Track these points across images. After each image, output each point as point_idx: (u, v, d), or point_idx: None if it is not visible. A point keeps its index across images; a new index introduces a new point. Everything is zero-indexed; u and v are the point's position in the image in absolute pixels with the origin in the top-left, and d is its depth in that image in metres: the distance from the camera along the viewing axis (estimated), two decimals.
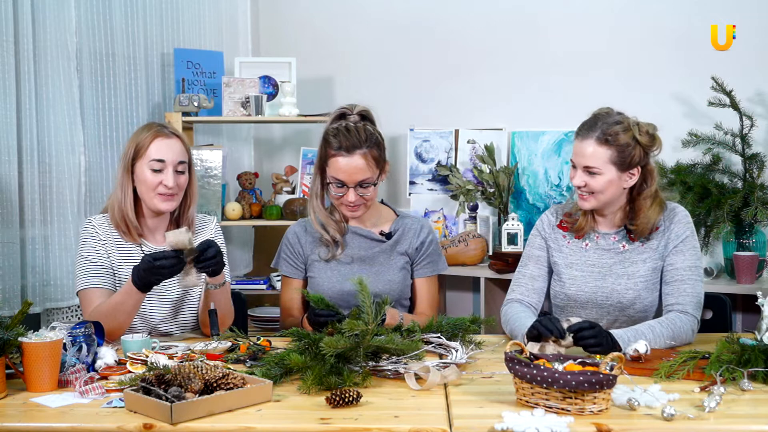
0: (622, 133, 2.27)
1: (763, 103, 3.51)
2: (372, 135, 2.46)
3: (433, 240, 2.62)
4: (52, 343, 1.88)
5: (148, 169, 2.38)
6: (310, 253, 2.59)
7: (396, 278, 2.56)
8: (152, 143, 2.39)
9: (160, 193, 2.39)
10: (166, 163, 2.39)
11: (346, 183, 2.44)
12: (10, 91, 3.15)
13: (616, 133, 2.27)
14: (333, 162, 2.45)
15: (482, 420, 1.65)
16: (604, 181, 2.30)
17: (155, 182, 2.38)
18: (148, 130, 2.42)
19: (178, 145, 2.42)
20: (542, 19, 3.88)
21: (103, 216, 2.48)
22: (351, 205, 2.48)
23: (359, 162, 2.43)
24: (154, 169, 2.38)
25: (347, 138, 2.43)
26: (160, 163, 2.38)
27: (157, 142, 2.39)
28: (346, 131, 2.44)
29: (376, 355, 1.99)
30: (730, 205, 3.28)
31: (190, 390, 1.70)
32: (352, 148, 2.42)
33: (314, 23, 4.25)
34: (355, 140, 2.42)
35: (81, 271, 2.40)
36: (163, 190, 2.38)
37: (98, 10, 3.56)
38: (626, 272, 2.38)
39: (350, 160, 2.43)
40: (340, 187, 2.46)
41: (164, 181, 2.38)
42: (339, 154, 2.43)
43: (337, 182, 2.46)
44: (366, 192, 2.46)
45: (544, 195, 3.83)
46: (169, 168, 2.39)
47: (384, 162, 2.51)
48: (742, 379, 1.84)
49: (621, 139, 2.27)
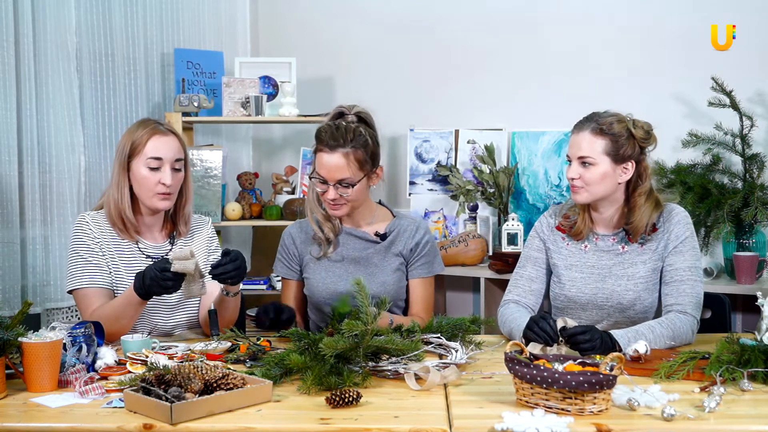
0: (617, 123, 2.31)
1: (763, 103, 3.51)
2: (360, 136, 2.45)
3: (429, 241, 2.61)
4: (52, 343, 1.88)
5: (145, 167, 2.35)
6: (304, 253, 2.60)
7: (390, 280, 2.56)
8: (149, 141, 2.35)
9: (158, 192, 2.36)
10: (164, 161, 2.36)
11: (326, 180, 2.45)
12: (11, 91, 3.16)
13: (610, 123, 2.30)
14: (318, 157, 2.47)
15: (482, 420, 1.65)
16: (598, 173, 2.30)
17: (153, 181, 2.35)
18: (144, 127, 2.38)
19: (174, 143, 2.40)
20: (542, 19, 3.88)
21: (97, 212, 2.44)
22: (331, 203, 2.48)
23: (339, 160, 2.42)
24: (151, 167, 2.35)
25: (333, 136, 2.43)
26: (158, 161, 2.35)
27: (154, 139, 2.36)
28: (335, 129, 2.45)
29: (376, 356, 1.99)
30: (730, 206, 3.27)
31: (190, 390, 1.70)
32: (335, 146, 2.42)
33: (314, 23, 4.25)
34: (340, 139, 2.42)
35: (75, 269, 2.36)
36: (162, 189, 2.35)
37: (98, 10, 3.57)
38: (626, 273, 2.38)
39: (330, 157, 2.43)
40: (322, 183, 2.47)
41: (162, 179, 2.35)
42: (323, 150, 2.44)
43: (319, 178, 2.47)
44: (345, 192, 2.45)
45: (544, 195, 3.84)
46: (167, 166, 2.36)
47: (372, 165, 2.49)
48: (742, 380, 1.84)
49: (615, 129, 2.30)
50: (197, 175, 3.71)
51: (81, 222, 2.41)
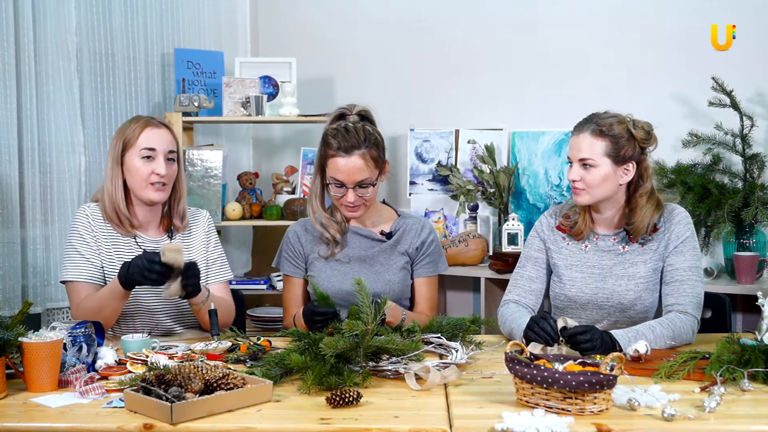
0: (617, 124, 2.30)
1: (763, 103, 3.51)
2: (371, 135, 2.46)
3: (434, 240, 2.62)
4: (52, 343, 1.88)
5: (139, 158, 2.38)
6: (310, 251, 2.60)
7: (395, 278, 2.56)
8: (142, 133, 2.39)
9: (152, 183, 2.38)
10: (157, 152, 2.39)
11: (345, 183, 2.45)
12: (11, 91, 3.16)
13: (610, 124, 2.30)
14: (332, 162, 2.45)
15: (482, 420, 1.65)
16: (599, 175, 2.30)
17: (146, 171, 2.37)
18: (137, 122, 2.42)
19: (167, 135, 2.43)
20: (542, 20, 3.88)
21: (96, 205, 2.46)
22: (350, 206, 2.48)
23: (358, 162, 2.43)
24: (144, 157, 2.37)
25: (346, 138, 2.43)
26: (151, 151, 2.38)
27: (147, 131, 2.39)
28: (345, 131, 2.44)
29: (376, 356, 1.99)
30: (731, 206, 3.27)
31: (190, 390, 1.70)
32: (350, 149, 2.42)
33: (314, 23, 4.25)
34: (353, 141, 2.43)
35: (69, 260, 2.40)
36: (155, 179, 2.38)
37: (98, 10, 3.57)
38: (626, 273, 2.38)
39: (348, 160, 2.43)
40: (340, 187, 2.46)
41: (156, 169, 2.38)
42: (338, 155, 2.43)
43: (336, 182, 2.46)
44: (365, 192, 2.46)
45: (545, 195, 3.84)
46: (160, 156, 2.39)
47: (383, 162, 2.51)
48: (742, 380, 1.84)
49: (615, 130, 2.29)
50: (197, 175, 3.70)
51: (80, 214, 2.44)
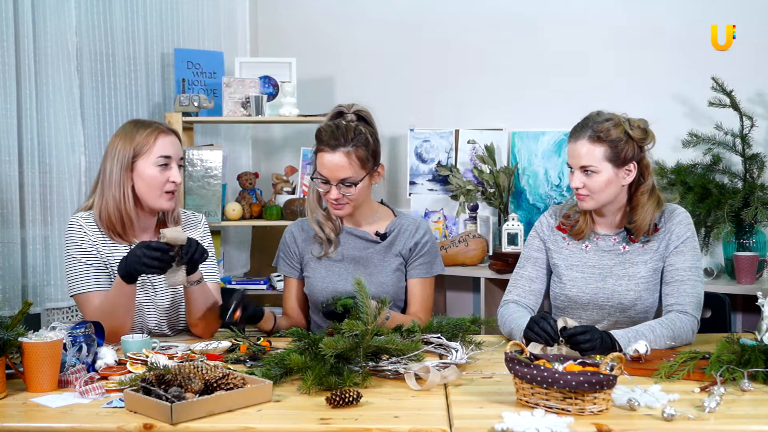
0: (613, 128, 2.29)
1: (763, 103, 3.51)
2: (361, 135, 2.45)
3: (429, 241, 2.60)
4: (52, 343, 1.88)
5: (154, 165, 2.36)
6: (305, 252, 2.60)
7: (389, 280, 2.55)
8: (158, 140, 2.37)
9: (167, 191, 2.38)
10: (172, 159, 2.39)
11: (329, 180, 2.45)
12: (11, 91, 3.16)
13: (607, 129, 2.29)
14: (319, 157, 2.47)
15: (482, 420, 1.65)
16: (601, 180, 2.30)
17: (161, 179, 2.36)
18: (145, 128, 2.38)
19: (177, 141, 2.44)
20: (542, 20, 3.88)
21: (88, 213, 2.41)
22: (334, 203, 2.48)
23: (341, 160, 2.42)
24: (161, 165, 2.36)
25: (334, 135, 2.43)
26: (167, 159, 2.37)
27: (162, 139, 2.38)
28: (335, 128, 2.45)
29: (376, 356, 1.99)
30: (731, 206, 3.27)
31: (190, 390, 1.70)
32: (336, 146, 2.42)
33: (314, 23, 4.25)
34: (341, 138, 2.42)
35: (74, 273, 2.35)
36: (171, 187, 2.38)
37: (98, 10, 3.57)
38: (627, 273, 2.38)
39: (333, 156, 2.43)
40: (324, 183, 2.47)
41: (171, 177, 2.37)
42: (324, 150, 2.44)
43: (321, 178, 2.47)
44: (348, 191, 2.45)
45: (545, 195, 3.84)
46: (174, 164, 2.39)
47: (373, 163, 2.49)
48: (742, 380, 1.84)
49: (612, 134, 2.28)
50: (197, 175, 3.71)
51: (74, 224, 2.38)
